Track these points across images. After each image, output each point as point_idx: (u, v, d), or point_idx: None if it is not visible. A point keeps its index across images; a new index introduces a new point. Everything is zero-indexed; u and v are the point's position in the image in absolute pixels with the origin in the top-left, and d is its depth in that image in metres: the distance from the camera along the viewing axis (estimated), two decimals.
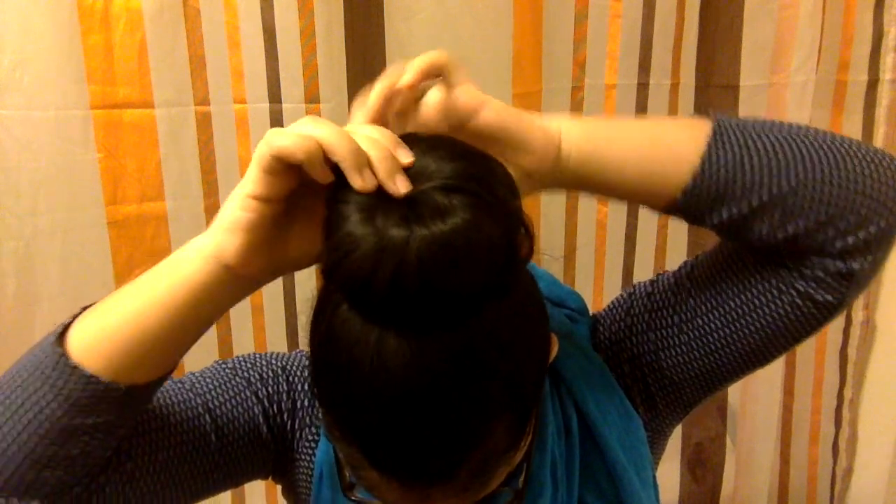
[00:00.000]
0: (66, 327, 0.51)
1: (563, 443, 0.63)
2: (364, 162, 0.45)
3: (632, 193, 0.56)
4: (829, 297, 0.56)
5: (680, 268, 0.66)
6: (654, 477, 0.69)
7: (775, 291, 0.58)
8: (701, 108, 1.25)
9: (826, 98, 1.26)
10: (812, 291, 0.56)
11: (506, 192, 0.47)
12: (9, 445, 0.50)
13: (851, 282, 0.55)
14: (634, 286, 0.69)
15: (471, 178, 0.45)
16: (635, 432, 0.65)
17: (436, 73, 0.50)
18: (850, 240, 0.53)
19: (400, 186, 0.45)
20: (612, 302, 0.70)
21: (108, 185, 1.08)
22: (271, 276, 0.52)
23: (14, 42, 1.00)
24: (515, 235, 0.47)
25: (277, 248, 0.50)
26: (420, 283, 0.43)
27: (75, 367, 0.49)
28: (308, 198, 0.49)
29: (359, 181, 0.45)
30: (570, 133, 0.53)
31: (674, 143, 0.55)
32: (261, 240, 0.49)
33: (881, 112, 1.26)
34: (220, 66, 1.08)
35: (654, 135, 0.56)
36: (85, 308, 0.53)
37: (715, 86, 1.24)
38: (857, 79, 1.25)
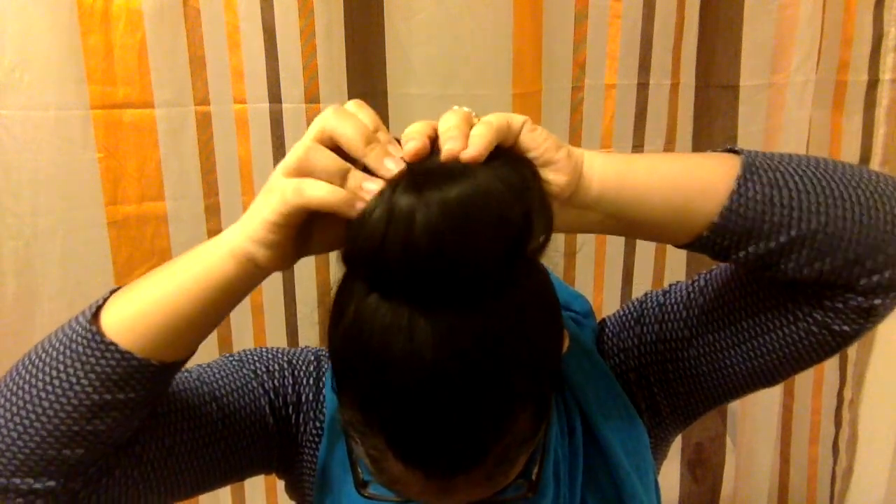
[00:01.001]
0: (98, 309, 0.53)
1: (566, 444, 0.63)
2: (356, 182, 0.47)
3: (656, 227, 0.55)
4: (847, 328, 0.55)
5: (693, 280, 0.65)
6: (656, 481, 0.69)
7: (791, 317, 0.57)
8: (701, 108, 1.25)
9: (826, 98, 1.26)
10: (829, 321, 0.55)
11: (527, 172, 0.48)
12: (31, 423, 0.51)
13: (871, 316, 0.55)
14: (646, 294, 0.68)
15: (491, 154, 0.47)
16: (638, 436, 0.65)
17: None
18: (876, 278, 0.53)
19: (392, 167, 0.47)
20: (623, 308, 0.70)
21: (108, 185, 1.08)
22: (294, 262, 0.55)
23: (14, 42, 1.00)
24: (531, 212, 0.47)
25: (303, 239, 0.53)
26: (431, 247, 0.44)
27: (110, 344, 0.51)
28: None
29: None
30: (593, 160, 0.53)
31: (702, 177, 0.53)
32: (291, 245, 0.51)
33: (881, 112, 1.26)
34: (220, 66, 1.08)
35: (682, 168, 0.54)
36: (113, 291, 0.55)
37: (715, 86, 1.24)
38: (857, 79, 1.25)
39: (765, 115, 1.24)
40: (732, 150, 0.55)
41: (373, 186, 0.46)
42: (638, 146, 1.22)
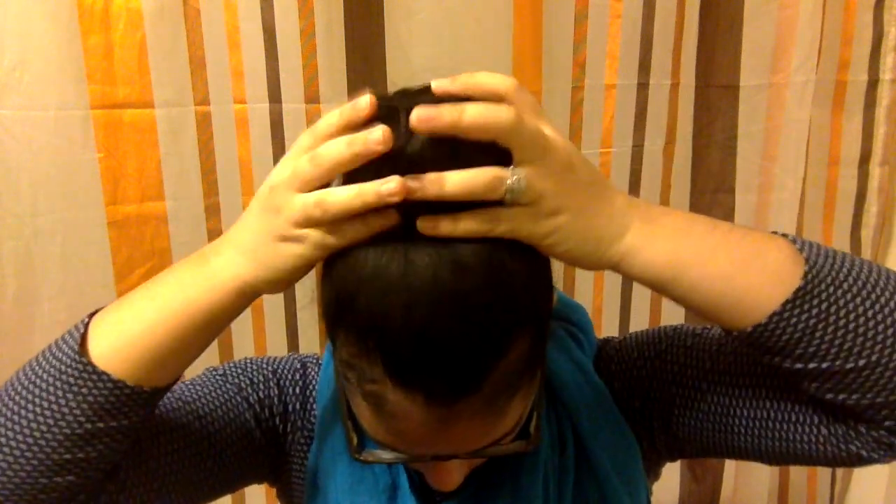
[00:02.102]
0: (82, 336, 0.52)
1: (556, 458, 0.63)
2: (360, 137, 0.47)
3: (688, 306, 0.53)
4: (864, 454, 0.53)
5: (729, 337, 0.62)
6: (649, 500, 0.68)
7: (815, 419, 0.55)
8: (701, 108, 1.25)
9: (826, 98, 1.26)
10: (850, 440, 0.53)
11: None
12: (23, 453, 0.51)
13: (892, 451, 0.53)
14: (675, 330, 0.66)
15: None
16: (630, 455, 0.65)
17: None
18: None
19: (396, 191, 0.45)
20: (644, 336, 0.68)
21: (108, 185, 1.08)
22: None
23: (14, 42, 1.00)
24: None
25: None
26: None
27: (102, 374, 0.50)
28: None
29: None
30: (633, 259, 0.51)
31: (750, 285, 0.50)
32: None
33: (881, 112, 1.26)
34: (220, 66, 1.08)
35: (734, 268, 0.51)
36: (92, 315, 0.54)
37: (715, 86, 1.24)
38: (857, 79, 1.25)
39: (765, 115, 1.24)
40: (802, 243, 0.51)
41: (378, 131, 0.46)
42: (638, 146, 1.22)
